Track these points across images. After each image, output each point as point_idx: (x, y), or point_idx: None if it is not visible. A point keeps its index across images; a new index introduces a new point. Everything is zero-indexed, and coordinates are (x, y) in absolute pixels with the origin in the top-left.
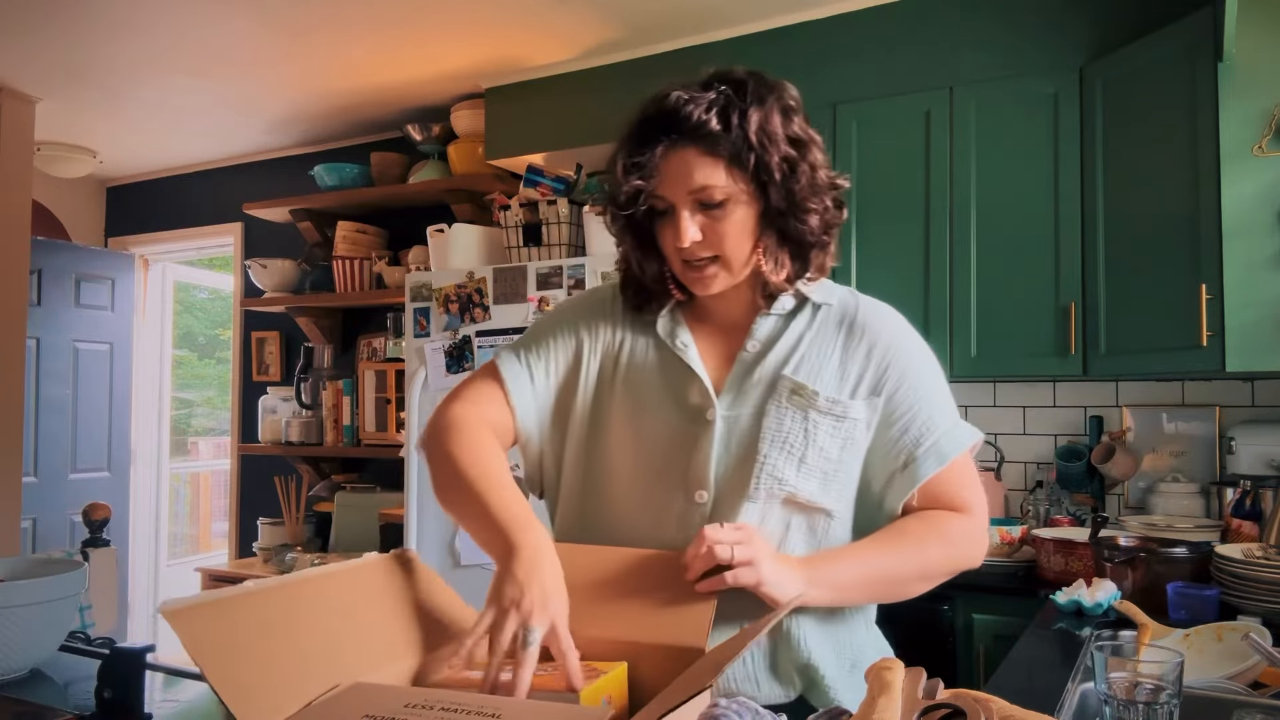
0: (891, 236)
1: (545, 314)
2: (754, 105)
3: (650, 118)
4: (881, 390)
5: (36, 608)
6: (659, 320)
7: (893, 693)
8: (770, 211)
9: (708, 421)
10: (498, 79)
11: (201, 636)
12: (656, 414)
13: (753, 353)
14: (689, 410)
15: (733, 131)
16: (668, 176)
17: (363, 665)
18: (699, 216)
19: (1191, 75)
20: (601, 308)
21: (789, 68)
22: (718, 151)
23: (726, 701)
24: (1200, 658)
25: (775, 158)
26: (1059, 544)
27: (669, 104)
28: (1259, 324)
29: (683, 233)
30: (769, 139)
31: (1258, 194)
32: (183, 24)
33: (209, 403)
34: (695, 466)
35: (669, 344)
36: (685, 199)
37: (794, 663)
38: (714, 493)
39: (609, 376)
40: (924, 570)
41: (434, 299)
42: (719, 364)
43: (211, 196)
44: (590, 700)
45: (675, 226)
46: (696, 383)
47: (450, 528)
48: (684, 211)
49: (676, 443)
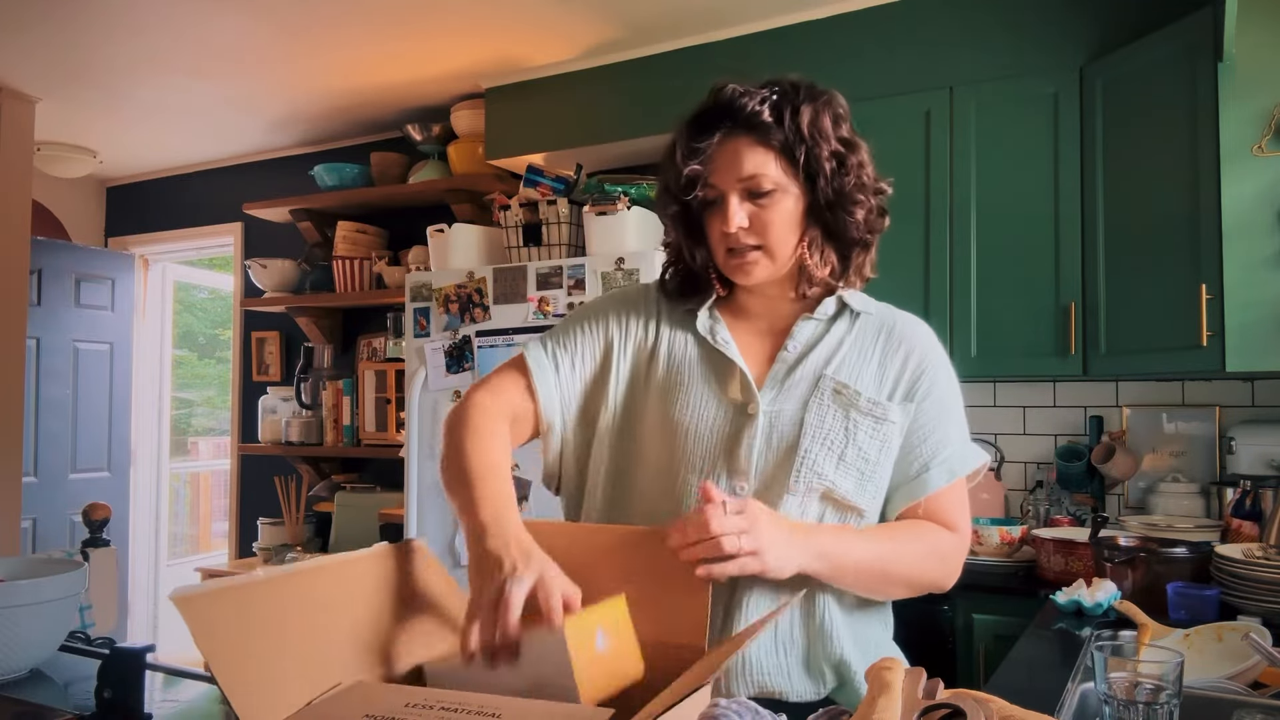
0: (891, 236)
1: (578, 308)
2: (806, 103)
3: (706, 108)
4: (914, 397)
5: (36, 608)
6: (699, 317)
7: (893, 693)
8: (817, 206)
9: (750, 415)
10: (498, 79)
11: (210, 626)
12: (698, 407)
13: (794, 353)
14: (730, 404)
15: (785, 124)
16: (719, 164)
17: (366, 661)
18: (747, 205)
19: (1191, 75)
20: (635, 304)
21: (790, 68)
22: (769, 142)
23: (726, 702)
24: (1200, 658)
25: (825, 151)
26: (1059, 544)
27: (724, 96)
28: (1259, 324)
29: (730, 217)
30: (820, 134)
31: (1258, 194)
32: (183, 23)
33: (208, 402)
34: (737, 459)
35: (709, 340)
36: (735, 186)
37: (828, 659)
38: (754, 485)
39: (643, 371)
40: (913, 575)
41: (434, 299)
42: (760, 362)
43: (211, 196)
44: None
45: (723, 213)
46: (739, 377)
47: (450, 527)
48: (733, 198)
49: (718, 436)
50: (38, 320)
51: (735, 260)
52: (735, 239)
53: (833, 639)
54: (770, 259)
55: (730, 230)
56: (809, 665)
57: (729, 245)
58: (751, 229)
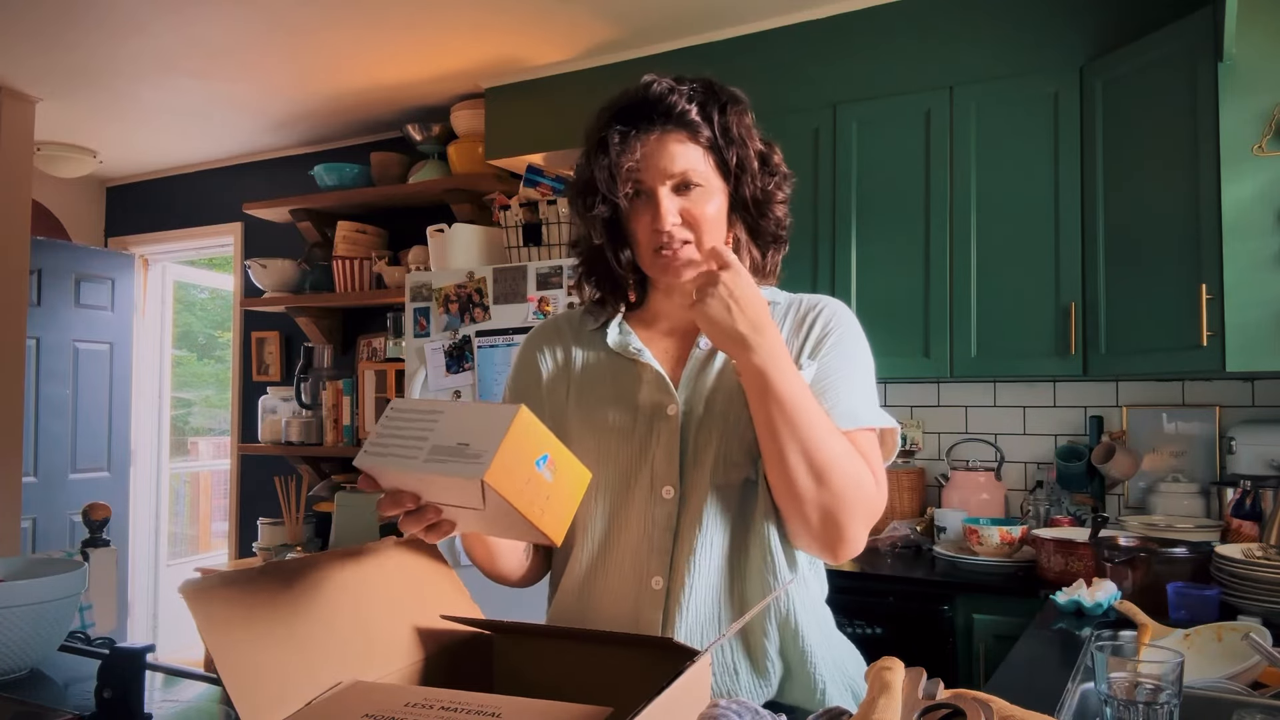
0: (891, 236)
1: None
2: (730, 104)
3: (633, 105)
4: (818, 355)
5: (36, 608)
6: (609, 333)
7: (893, 693)
8: (742, 204)
9: (669, 416)
10: (498, 79)
11: (216, 620)
12: (617, 417)
13: (705, 348)
14: (649, 408)
15: (714, 123)
16: (650, 160)
17: (367, 659)
18: (677, 200)
19: (1191, 75)
20: (548, 336)
21: (789, 68)
22: (698, 139)
23: (726, 702)
24: (1200, 658)
25: (751, 151)
26: (1059, 544)
27: (652, 92)
28: (1259, 324)
29: (664, 214)
30: (746, 135)
31: (1258, 194)
32: (183, 23)
33: (205, 401)
34: (659, 463)
35: (622, 353)
36: (665, 182)
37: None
38: (680, 486)
39: (563, 396)
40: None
41: (434, 299)
42: (674, 362)
43: (211, 196)
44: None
45: (654, 209)
46: (655, 380)
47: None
48: (663, 192)
49: (639, 442)
50: (38, 320)
51: (665, 256)
52: (669, 235)
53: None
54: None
55: (665, 227)
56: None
57: (659, 243)
58: (683, 224)
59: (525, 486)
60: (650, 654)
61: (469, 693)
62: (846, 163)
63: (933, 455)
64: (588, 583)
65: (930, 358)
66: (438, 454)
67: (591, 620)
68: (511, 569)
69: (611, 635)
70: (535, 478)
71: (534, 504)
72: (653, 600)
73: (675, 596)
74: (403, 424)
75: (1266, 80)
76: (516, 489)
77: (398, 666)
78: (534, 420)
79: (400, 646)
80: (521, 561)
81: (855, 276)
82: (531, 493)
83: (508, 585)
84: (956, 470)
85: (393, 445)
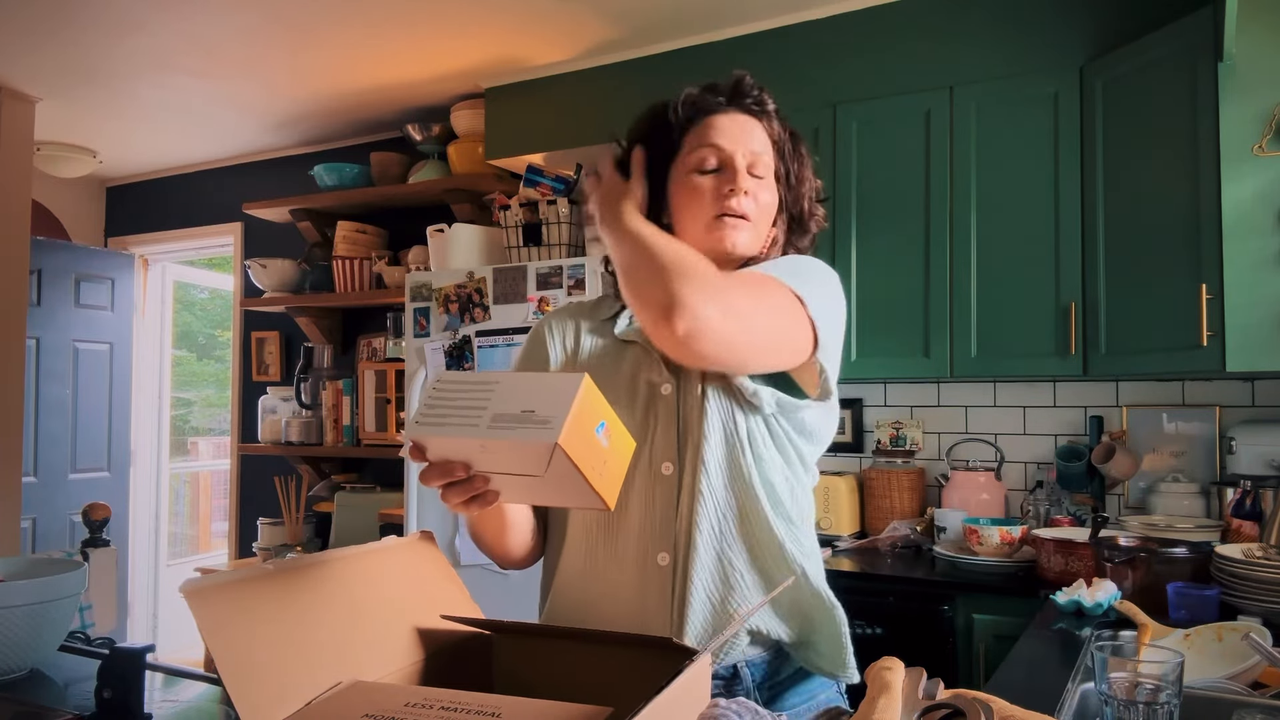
0: (891, 236)
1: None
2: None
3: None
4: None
5: (36, 608)
6: (618, 323)
7: (893, 693)
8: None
9: (664, 397)
10: (498, 79)
11: (217, 621)
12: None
13: None
14: (645, 389)
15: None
16: (733, 133)
17: (368, 659)
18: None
19: (1191, 75)
20: (567, 315)
21: (789, 68)
22: (772, 133)
23: (726, 702)
24: (1200, 658)
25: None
26: (1059, 544)
27: (745, 82)
28: (1259, 324)
29: (740, 179)
30: (807, 151)
31: (1258, 194)
32: (183, 24)
33: (205, 401)
34: (658, 442)
35: (625, 338)
36: (742, 156)
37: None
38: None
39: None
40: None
41: (434, 299)
42: None
43: (211, 196)
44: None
45: (730, 175)
46: (652, 362)
47: (450, 528)
48: (741, 165)
49: (637, 419)
50: (38, 320)
51: (728, 222)
52: (738, 203)
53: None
54: (753, 234)
55: (740, 191)
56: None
57: (725, 210)
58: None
59: (589, 452)
60: (650, 654)
61: (469, 693)
62: (846, 163)
63: (933, 455)
64: (590, 565)
65: (930, 358)
66: (502, 421)
67: (596, 602)
68: (519, 545)
69: (611, 635)
70: (595, 443)
71: (594, 469)
72: (659, 576)
73: (681, 571)
74: (455, 394)
75: (1266, 80)
76: (582, 454)
77: (398, 666)
78: (595, 389)
79: (400, 646)
80: (528, 539)
81: (855, 276)
82: (593, 458)
83: (508, 564)
84: (956, 470)
85: (448, 414)
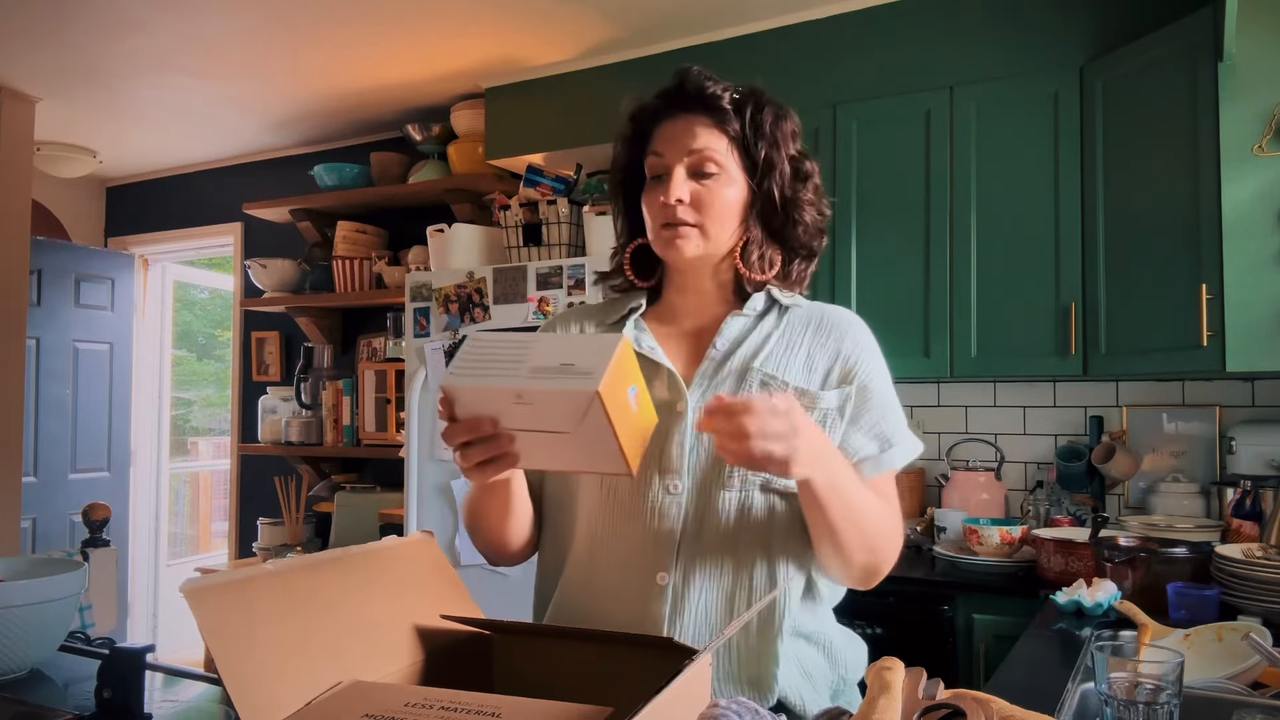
0: (891, 236)
1: None
2: (769, 106)
3: (670, 89)
4: (853, 379)
5: (36, 608)
6: (625, 330)
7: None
8: (765, 206)
9: (679, 413)
10: (498, 79)
11: (217, 620)
12: None
13: (722, 349)
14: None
15: (745, 118)
16: (671, 137)
17: (367, 659)
18: (690, 182)
19: (1191, 75)
20: (575, 318)
21: (789, 68)
22: (724, 126)
23: (726, 702)
24: (1200, 658)
25: (783, 154)
26: (1059, 544)
27: (689, 78)
28: (1259, 324)
29: (673, 186)
30: (780, 137)
31: (1258, 194)
32: (183, 24)
33: (205, 401)
34: (669, 458)
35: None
36: (682, 160)
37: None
38: (687, 483)
39: None
40: (872, 528)
41: (434, 299)
42: (688, 361)
43: (211, 196)
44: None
45: (666, 184)
46: (666, 376)
47: (451, 528)
48: (678, 170)
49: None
50: (38, 320)
51: (669, 233)
52: (672, 212)
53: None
54: (704, 238)
55: (670, 201)
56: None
57: (666, 219)
58: (691, 205)
59: (623, 410)
60: (650, 654)
61: (469, 693)
62: (846, 163)
63: (933, 455)
64: (589, 579)
65: (930, 358)
66: (541, 372)
67: (594, 616)
68: (518, 534)
69: (611, 635)
70: (628, 404)
71: (625, 428)
72: (658, 596)
73: (680, 592)
74: (491, 349)
75: (1266, 80)
76: (617, 410)
77: (398, 666)
78: (632, 351)
79: (400, 646)
80: (526, 529)
81: (855, 276)
82: (625, 416)
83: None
84: (956, 470)
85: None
